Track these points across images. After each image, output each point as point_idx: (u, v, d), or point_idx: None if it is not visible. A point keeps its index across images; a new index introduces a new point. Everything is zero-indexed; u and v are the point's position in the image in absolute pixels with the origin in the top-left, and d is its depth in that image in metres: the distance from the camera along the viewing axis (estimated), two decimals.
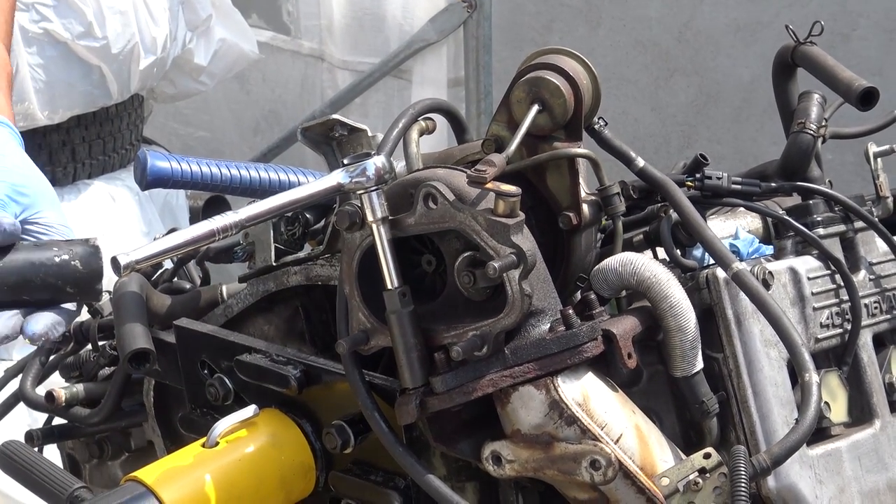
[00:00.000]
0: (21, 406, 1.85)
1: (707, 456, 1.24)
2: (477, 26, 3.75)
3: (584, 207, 1.39)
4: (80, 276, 1.43)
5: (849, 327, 1.51)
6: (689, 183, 1.53)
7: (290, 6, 4.12)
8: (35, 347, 1.83)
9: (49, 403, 1.74)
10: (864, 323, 1.52)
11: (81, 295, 1.50)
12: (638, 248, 1.48)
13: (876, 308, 1.56)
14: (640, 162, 1.44)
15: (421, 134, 1.52)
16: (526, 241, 1.27)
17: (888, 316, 1.58)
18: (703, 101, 5.38)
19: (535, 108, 1.35)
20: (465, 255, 1.30)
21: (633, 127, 5.22)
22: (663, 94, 5.48)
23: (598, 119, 1.43)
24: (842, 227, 1.56)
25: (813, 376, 1.30)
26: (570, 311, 1.30)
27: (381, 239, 1.29)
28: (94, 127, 3.28)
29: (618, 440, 1.29)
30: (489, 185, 1.27)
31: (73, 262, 1.45)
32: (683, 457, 1.31)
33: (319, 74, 4.10)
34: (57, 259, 1.44)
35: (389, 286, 1.29)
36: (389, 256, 1.29)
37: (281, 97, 4.02)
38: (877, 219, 1.57)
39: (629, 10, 5.51)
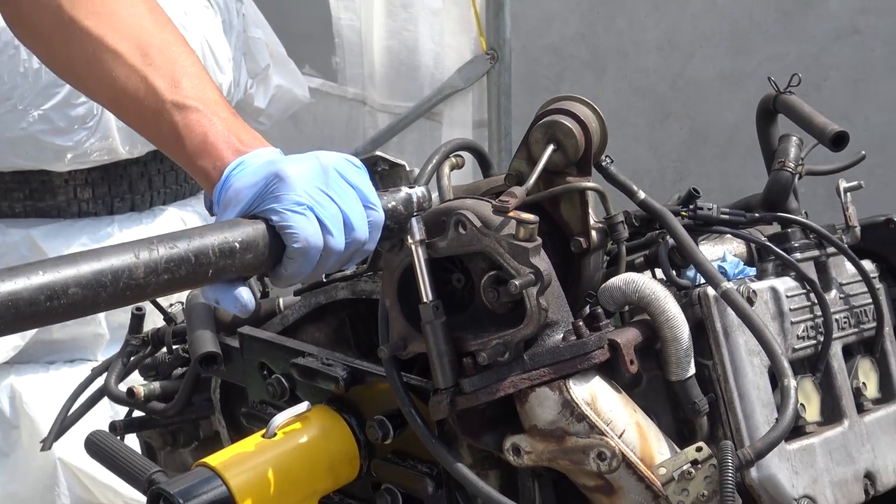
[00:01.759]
0: (105, 400, 1.86)
1: (699, 449, 1.24)
2: (498, 76, 3.75)
3: (593, 233, 1.40)
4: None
5: (822, 339, 1.50)
6: (684, 213, 1.53)
7: (338, 57, 4.12)
8: (119, 349, 1.85)
9: (130, 398, 1.75)
10: (834, 335, 1.51)
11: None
12: (639, 269, 1.48)
13: (845, 322, 1.56)
14: (641, 194, 1.43)
15: (452, 168, 1.52)
16: (543, 262, 1.27)
17: (856, 329, 1.57)
18: (693, 142, 5.38)
19: (551, 147, 1.36)
20: (490, 273, 1.30)
21: (632, 163, 5.20)
22: (659, 135, 5.47)
23: (606, 157, 1.43)
24: (816, 253, 1.56)
25: (791, 381, 1.30)
26: (581, 323, 1.31)
27: (419, 259, 1.29)
28: (167, 161, 3.27)
29: (621, 435, 1.29)
30: (511, 214, 1.27)
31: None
32: (678, 450, 1.31)
33: (362, 116, 4.11)
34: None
35: (425, 300, 1.29)
36: (425, 274, 1.29)
37: (329, 136, 4.02)
38: (846, 245, 1.57)
39: (629, 62, 5.51)
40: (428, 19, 3.83)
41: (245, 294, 1.22)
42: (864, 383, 1.57)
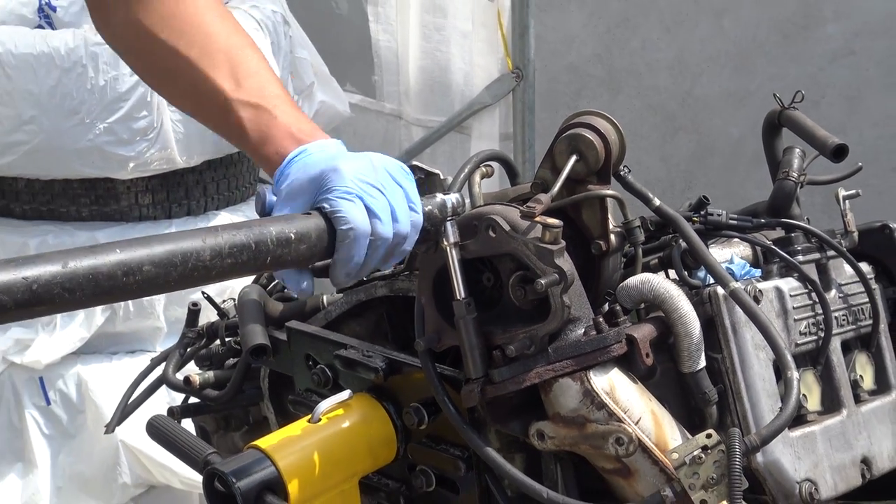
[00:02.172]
0: (163, 387, 1.86)
1: (709, 436, 1.23)
2: (523, 93, 3.73)
3: (612, 237, 1.39)
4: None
5: (822, 335, 1.50)
6: (696, 218, 1.52)
7: (376, 75, 4.12)
8: (176, 341, 1.86)
9: (186, 386, 1.76)
10: (834, 332, 1.50)
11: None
12: (653, 270, 1.47)
13: (844, 320, 1.55)
14: (656, 201, 1.43)
15: (482, 177, 1.52)
16: (566, 263, 1.27)
17: (853, 326, 1.56)
18: (701, 154, 5.36)
19: (574, 157, 1.35)
20: (518, 273, 1.30)
21: (644, 173, 5.18)
22: (669, 148, 5.45)
23: (624, 167, 1.42)
24: (817, 255, 1.55)
25: (794, 374, 1.29)
26: (601, 319, 1.31)
27: (453, 260, 1.29)
28: (221, 169, 3.30)
29: (637, 422, 1.28)
30: (538, 219, 1.27)
31: None
32: (689, 437, 1.30)
33: (398, 129, 4.10)
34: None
35: (458, 297, 1.29)
36: (458, 274, 1.29)
37: (367, 147, 4.00)
38: (845, 249, 1.56)
39: (642, 80, 5.49)
40: (459, 41, 3.82)
41: (306, 280, 1.26)
42: (861, 376, 1.57)
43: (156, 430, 1.54)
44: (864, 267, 1.58)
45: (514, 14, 3.65)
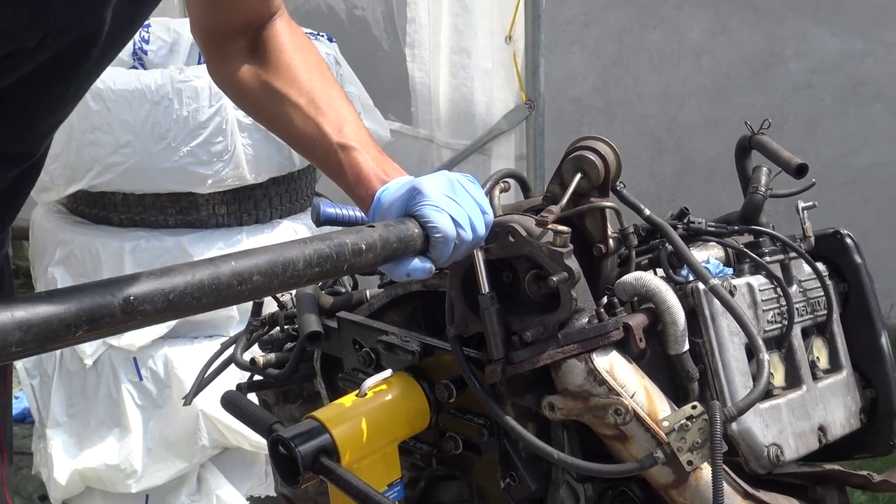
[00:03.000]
0: (232, 367, 1.87)
1: (694, 407, 1.24)
2: (534, 121, 3.72)
3: (610, 242, 1.39)
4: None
5: (786, 323, 1.49)
6: (679, 225, 1.52)
7: (412, 106, 4.12)
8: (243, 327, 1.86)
9: (252, 366, 1.75)
10: (795, 321, 1.50)
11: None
12: (644, 268, 1.46)
13: (803, 310, 1.54)
14: (647, 211, 1.42)
15: (501, 191, 1.51)
16: (574, 263, 1.27)
17: (811, 316, 1.56)
18: (683, 171, 5.34)
19: (579, 175, 1.35)
20: (533, 271, 1.30)
21: (636, 188, 5.14)
22: (656, 166, 5.43)
23: (620, 183, 1.42)
24: (781, 257, 1.55)
25: (765, 356, 1.30)
26: (601, 310, 1.31)
27: (479, 261, 1.30)
28: (283, 185, 3.30)
29: (633, 396, 1.28)
30: (550, 226, 1.27)
31: None
32: (675, 408, 1.30)
33: (430, 151, 4.10)
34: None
35: (483, 291, 1.30)
36: (483, 272, 1.30)
37: (404, 166, 4.01)
38: (804, 251, 1.56)
39: (634, 110, 5.47)
40: (481, 77, 3.81)
41: (428, 263, 1.24)
42: (817, 357, 1.56)
43: (229, 402, 1.55)
44: (820, 266, 1.58)
45: (527, 55, 3.63)
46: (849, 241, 1.63)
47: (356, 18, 5.34)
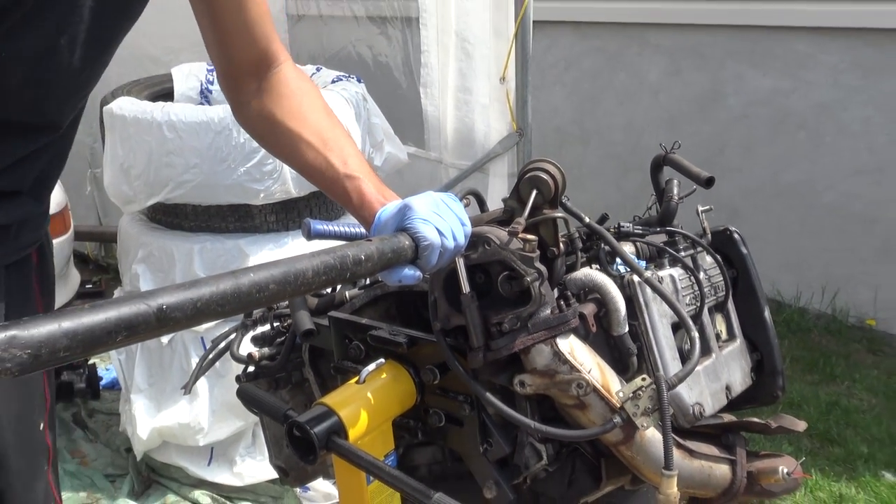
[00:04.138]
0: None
1: (644, 380, 1.27)
2: (524, 146, 3.78)
3: (561, 245, 1.42)
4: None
5: (698, 304, 1.54)
6: (613, 229, 1.56)
7: (425, 134, 4.17)
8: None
9: (249, 360, 1.75)
10: (706, 302, 1.55)
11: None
12: (586, 265, 1.51)
13: (709, 293, 1.59)
14: (587, 219, 1.45)
15: (465, 206, 1.51)
16: (540, 265, 1.29)
17: (714, 297, 1.61)
18: (644, 186, 5.40)
19: (535, 192, 1.38)
20: (505, 273, 1.32)
21: (605, 200, 5.31)
22: (622, 182, 5.51)
23: (565, 197, 1.44)
24: (692, 251, 1.59)
25: (695, 334, 1.33)
26: (561, 303, 1.33)
27: (461, 266, 1.31)
28: (321, 197, 3.36)
29: (590, 372, 1.31)
30: (521, 236, 1.30)
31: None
32: (624, 382, 1.33)
33: (439, 171, 4.14)
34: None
35: (464, 291, 1.31)
36: (464, 275, 1.31)
37: (419, 183, 4.11)
38: (707, 244, 1.61)
39: (604, 136, 5.55)
40: (480, 111, 3.87)
41: (416, 271, 1.25)
42: (720, 330, 1.62)
43: (244, 394, 1.55)
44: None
45: (517, 93, 3.70)
46: (736, 235, 1.67)
47: (380, 64, 5.48)
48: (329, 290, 1.75)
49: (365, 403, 1.38)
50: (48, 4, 1.35)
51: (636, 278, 1.42)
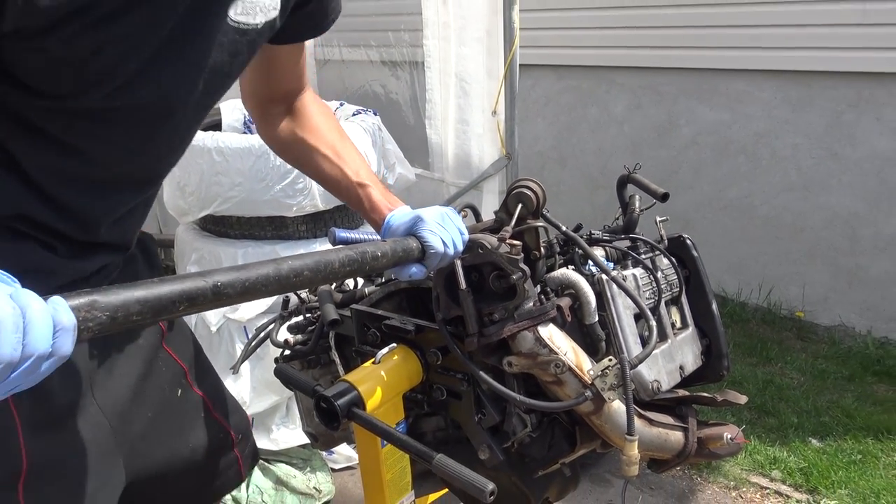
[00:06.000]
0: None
1: (610, 360, 1.27)
2: (511, 167, 3.79)
3: (542, 250, 1.41)
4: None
5: (656, 299, 1.53)
6: (585, 236, 1.55)
7: (430, 158, 4.16)
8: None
9: (285, 345, 1.75)
10: (662, 297, 1.55)
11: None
12: (563, 266, 1.50)
13: (665, 289, 1.58)
14: (563, 227, 1.44)
15: (464, 217, 1.52)
16: (525, 266, 1.29)
17: (670, 292, 1.60)
18: (611, 201, 5.39)
19: (520, 205, 1.37)
20: (495, 272, 1.32)
21: (580, 212, 5.29)
22: (594, 197, 5.49)
23: (545, 209, 1.43)
24: (651, 254, 1.59)
25: (653, 323, 1.33)
26: (542, 297, 1.33)
27: (458, 267, 1.31)
28: (344, 210, 3.34)
29: (566, 354, 1.31)
30: (508, 241, 1.30)
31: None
32: (594, 362, 1.32)
33: (441, 188, 4.12)
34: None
35: (462, 287, 1.31)
36: (461, 274, 1.31)
37: (423, 199, 4.09)
38: (664, 248, 1.61)
39: (579, 160, 5.53)
40: (475, 139, 3.87)
41: (422, 269, 1.26)
42: (675, 320, 1.61)
43: (281, 373, 1.53)
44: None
45: (506, 124, 3.70)
46: (688, 241, 1.66)
47: (392, 100, 5.50)
48: (351, 286, 1.75)
49: (380, 380, 1.38)
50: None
51: (605, 277, 1.42)
